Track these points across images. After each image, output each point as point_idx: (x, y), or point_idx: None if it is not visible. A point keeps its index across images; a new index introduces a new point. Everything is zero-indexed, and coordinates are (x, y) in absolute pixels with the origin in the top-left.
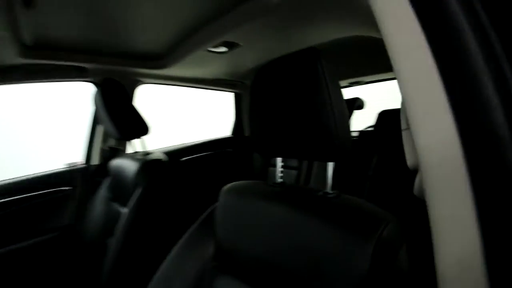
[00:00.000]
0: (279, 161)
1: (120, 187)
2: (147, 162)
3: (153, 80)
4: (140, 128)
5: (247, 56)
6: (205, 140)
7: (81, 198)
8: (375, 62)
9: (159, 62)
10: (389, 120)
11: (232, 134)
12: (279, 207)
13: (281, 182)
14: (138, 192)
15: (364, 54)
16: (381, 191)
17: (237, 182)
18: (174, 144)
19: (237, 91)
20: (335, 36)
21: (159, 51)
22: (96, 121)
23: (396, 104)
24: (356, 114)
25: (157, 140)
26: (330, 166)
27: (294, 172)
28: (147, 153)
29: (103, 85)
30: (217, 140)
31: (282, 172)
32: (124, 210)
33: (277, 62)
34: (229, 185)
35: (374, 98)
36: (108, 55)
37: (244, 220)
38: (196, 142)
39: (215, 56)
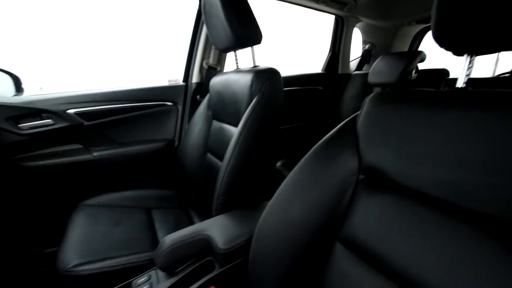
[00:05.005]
0: (467, 59)
1: (226, 104)
2: (262, 71)
3: None
4: (254, 33)
5: None
6: (294, 75)
7: (181, 115)
8: None
9: None
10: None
11: (324, 71)
12: (479, 113)
13: (464, 88)
14: (252, 105)
15: None
16: None
17: (383, 90)
18: None
19: (341, 13)
20: None
21: None
22: (195, 36)
23: None
24: None
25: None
26: None
27: None
28: (255, 67)
29: None
30: (307, 75)
31: (468, 74)
32: (232, 128)
33: None
34: (375, 92)
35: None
36: None
37: (404, 132)
38: (285, 76)
39: None
